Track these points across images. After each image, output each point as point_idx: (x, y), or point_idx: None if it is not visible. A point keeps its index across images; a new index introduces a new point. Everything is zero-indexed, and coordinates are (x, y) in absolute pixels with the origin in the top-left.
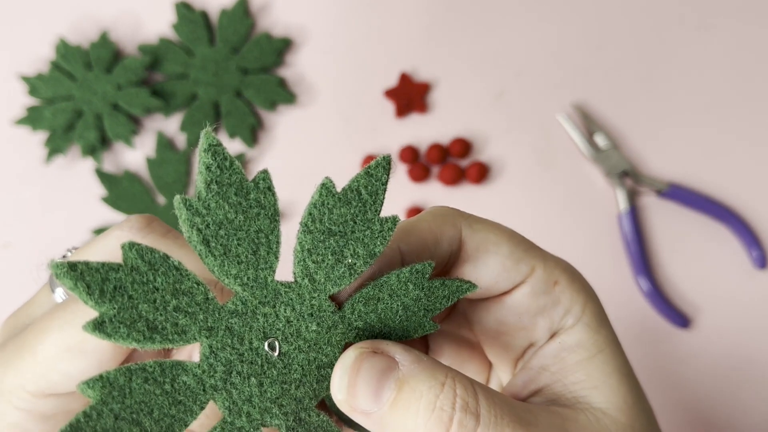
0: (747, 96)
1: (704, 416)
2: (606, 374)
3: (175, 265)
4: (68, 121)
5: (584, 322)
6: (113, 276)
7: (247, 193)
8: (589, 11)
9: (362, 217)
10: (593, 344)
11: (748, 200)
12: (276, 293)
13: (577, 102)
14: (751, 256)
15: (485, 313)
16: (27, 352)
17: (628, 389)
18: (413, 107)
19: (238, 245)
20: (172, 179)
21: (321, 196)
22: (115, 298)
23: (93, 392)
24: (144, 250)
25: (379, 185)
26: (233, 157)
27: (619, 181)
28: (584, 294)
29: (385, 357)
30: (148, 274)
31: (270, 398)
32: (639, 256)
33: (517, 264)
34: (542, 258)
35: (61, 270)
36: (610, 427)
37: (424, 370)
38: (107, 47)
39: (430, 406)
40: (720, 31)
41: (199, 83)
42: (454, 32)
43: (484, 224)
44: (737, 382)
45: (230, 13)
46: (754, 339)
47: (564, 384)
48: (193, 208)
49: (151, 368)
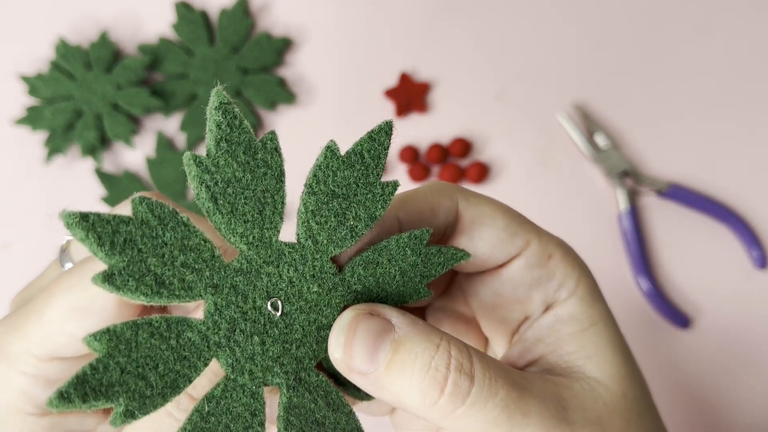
0: (747, 96)
1: (704, 415)
2: (599, 346)
3: (183, 221)
4: (68, 121)
5: (578, 295)
6: (123, 229)
7: (255, 152)
8: (589, 11)
9: (364, 181)
10: (587, 317)
11: (748, 200)
12: (280, 253)
13: (577, 102)
14: (751, 256)
15: (481, 286)
16: (34, 315)
17: (621, 360)
18: (413, 107)
19: (244, 204)
20: (172, 179)
21: (326, 159)
22: (125, 250)
23: (99, 345)
24: (154, 205)
25: (381, 149)
26: (242, 116)
27: (619, 181)
28: (578, 268)
29: (381, 319)
30: (158, 228)
31: (272, 357)
32: (639, 256)
33: (512, 237)
34: (537, 232)
35: (73, 219)
36: (604, 395)
37: (420, 332)
38: (107, 47)
39: (425, 366)
40: (720, 31)
41: (199, 83)
42: (455, 32)
43: (480, 198)
44: (737, 381)
45: (230, 13)
46: (754, 339)
47: (559, 354)
48: (203, 165)
49: (157, 323)
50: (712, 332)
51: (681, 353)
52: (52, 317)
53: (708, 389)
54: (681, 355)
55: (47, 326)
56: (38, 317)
